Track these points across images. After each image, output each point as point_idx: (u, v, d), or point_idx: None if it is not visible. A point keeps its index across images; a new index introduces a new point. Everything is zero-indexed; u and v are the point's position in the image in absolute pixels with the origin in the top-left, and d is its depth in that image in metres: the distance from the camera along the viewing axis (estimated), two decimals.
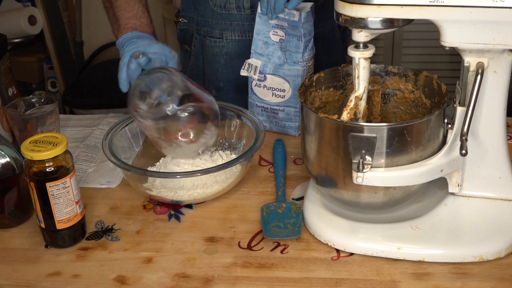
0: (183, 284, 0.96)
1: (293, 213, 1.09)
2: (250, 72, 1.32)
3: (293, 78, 1.29)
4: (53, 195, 1.00)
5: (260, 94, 1.33)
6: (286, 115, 1.34)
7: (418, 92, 1.09)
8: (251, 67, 1.32)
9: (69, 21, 3.02)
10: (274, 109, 1.34)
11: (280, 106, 1.33)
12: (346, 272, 0.97)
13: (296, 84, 1.29)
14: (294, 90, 1.30)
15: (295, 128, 1.35)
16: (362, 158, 0.93)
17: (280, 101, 1.32)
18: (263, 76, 1.31)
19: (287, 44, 1.28)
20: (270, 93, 1.32)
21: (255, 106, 1.36)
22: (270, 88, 1.32)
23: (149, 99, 1.12)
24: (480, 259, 0.97)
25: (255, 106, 1.36)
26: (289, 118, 1.34)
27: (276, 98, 1.32)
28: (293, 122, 1.34)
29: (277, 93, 1.32)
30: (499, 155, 1.00)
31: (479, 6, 0.86)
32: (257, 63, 1.31)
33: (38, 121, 1.27)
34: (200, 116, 1.14)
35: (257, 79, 1.32)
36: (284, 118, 1.34)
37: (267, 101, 1.34)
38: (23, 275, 1.00)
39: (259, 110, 1.36)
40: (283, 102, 1.32)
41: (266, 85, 1.31)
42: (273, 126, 1.37)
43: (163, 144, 1.16)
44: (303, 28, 1.25)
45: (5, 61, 1.39)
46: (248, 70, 1.32)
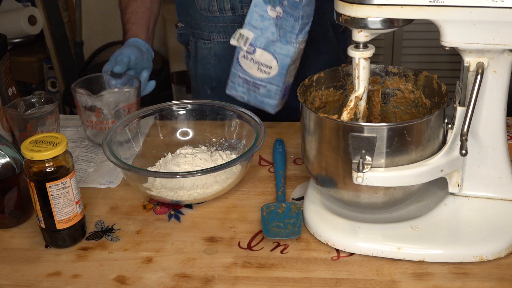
0: (183, 284, 0.96)
1: (293, 213, 1.09)
2: (240, 43, 1.29)
3: (283, 57, 1.27)
4: (53, 195, 1.00)
5: (246, 66, 1.30)
6: (267, 92, 1.31)
7: (418, 92, 1.09)
8: (242, 38, 1.28)
9: (69, 21, 3.02)
10: (256, 84, 1.31)
11: (263, 82, 1.30)
12: (346, 272, 0.97)
13: (284, 63, 1.27)
14: (280, 69, 1.27)
15: (273, 106, 1.32)
16: (362, 158, 0.93)
17: (264, 77, 1.29)
18: (253, 49, 1.28)
19: (283, 22, 1.26)
20: (256, 67, 1.29)
21: (238, 76, 1.32)
22: (257, 63, 1.29)
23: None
24: (480, 259, 0.97)
25: (238, 76, 1.32)
26: (269, 95, 1.31)
27: (261, 73, 1.29)
28: (272, 100, 1.31)
29: (263, 69, 1.29)
30: (499, 155, 1.00)
31: (479, 6, 0.86)
32: (249, 35, 1.28)
33: (38, 121, 1.27)
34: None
35: (246, 51, 1.29)
36: (265, 94, 1.31)
37: (251, 74, 1.30)
38: (23, 275, 1.00)
39: (240, 81, 1.32)
40: (267, 79, 1.29)
41: (254, 59, 1.28)
42: (251, 100, 1.34)
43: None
44: (302, 10, 1.24)
45: (5, 61, 1.39)
46: (238, 40, 1.29)
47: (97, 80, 1.34)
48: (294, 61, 1.27)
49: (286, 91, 1.31)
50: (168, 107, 1.30)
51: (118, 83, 1.33)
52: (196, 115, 1.30)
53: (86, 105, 1.26)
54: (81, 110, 1.29)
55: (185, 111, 1.30)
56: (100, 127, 1.29)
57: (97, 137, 1.31)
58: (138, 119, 1.26)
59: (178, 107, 1.30)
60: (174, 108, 1.30)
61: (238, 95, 1.33)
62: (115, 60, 1.33)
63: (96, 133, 1.31)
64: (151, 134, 1.31)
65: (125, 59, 1.32)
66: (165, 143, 1.29)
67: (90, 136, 1.32)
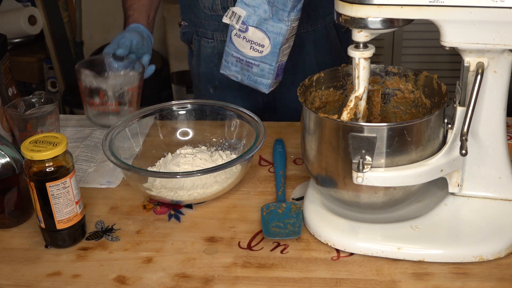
0: (183, 284, 0.96)
1: (293, 213, 1.09)
2: (233, 21, 1.28)
3: (275, 36, 1.26)
4: (53, 195, 1.00)
5: (238, 45, 1.30)
6: (260, 71, 1.30)
7: (418, 92, 1.09)
8: (234, 16, 1.28)
9: (69, 21, 3.02)
10: (249, 62, 1.30)
11: (256, 60, 1.29)
12: (346, 272, 0.97)
13: (277, 42, 1.26)
14: (273, 48, 1.27)
15: (266, 85, 1.32)
16: (362, 158, 0.93)
17: (257, 55, 1.28)
18: (245, 27, 1.27)
19: (275, 0, 1.25)
20: (248, 45, 1.29)
21: (231, 55, 1.32)
22: (250, 41, 1.28)
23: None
24: (480, 259, 0.97)
25: (231, 55, 1.32)
26: (263, 74, 1.31)
27: (254, 52, 1.29)
28: (266, 79, 1.31)
29: (256, 47, 1.28)
30: (499, 155, 1.00)
31: (479, 6, 0.86)
32: (241, 13, 1.27)
33: (38, 121, 1.27)
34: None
35: (238, 29, 1.28)
36: (258, 73, 1.31)
37: (244, 53, 1.30)
38: (23, 275, 1.00)
39: (233, 60, 1.32)
40: (260, 58, 1.29)
41: (246, 37, 1.28)
42: (245, 79, 1.34)
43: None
44: None
45: (5, 61, 1.39)
46: (230, 18, 1.28)
47: (99, 62, 1.36)
48: (287, 40, 1.27)
49: (279, 70, 1.31)
50: (168, 107, 1.30)
51: (120, 66, 1.35)
52: (196, 115, 1.30)
53: (91, 86, 1.27)
54: (84, 90, 1.29)
55: (185, 111, 1.30)
56: (103, 108, 1.29)
57: (97, 118, 1.32)
58: (138, 119, 1.26)
59: (178, 107, 1.30)
60: (174, 108, 1.30)
61: (232, 74, 1.33)
62: (117, 43, 1.35)
63: (97, 114, 1.32)
64: (151, 134, 1.31)
65: (127, 43, 1.34)
66: (165, 143, 1.29)
67: (90, 116, 1.32)
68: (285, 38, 1.25)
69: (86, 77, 1.28)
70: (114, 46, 1.34)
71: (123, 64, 1.34)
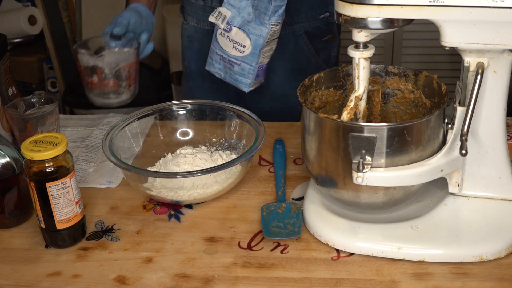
0: (183, 284, 0.96)
1: (293, 213, 1.09)
2: (218, 20, 1.34)
3: (256, 37, 1.32)
4: (53, 195, 1.00)
5: (222, 43, 1.36)
6: (241, 70, 1.36)
7: (418, 92, 1.09)
8: (220, 16, 1.34)
9: (69, 21, 3.02)
10: (232, 61, 1.37)
11: (238, 60, 1.35)
12: (346, 272, 0.97)
13: (257, 44, 1.32)
14: (253, 49, 1.33)
15: (247, 84, 1.38)
16: (362, 158, 0.93)
17: (238, 55, 1.35)
18: (229, 27, 1.33)
19: (259, 3, 1.30)
20: (231, 45, 1.35)
21: (215, 53, 1.39)
22: (233, 41, 1.34)
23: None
24: (480, 259, 0.97)
25: (215, 53, 1.39)
26: (243, 73, 1.37)
27: (236, 52, 1.35)
28: (246, 79, 1.37)
29: (238, 47, 1.34)
30: (499, 155, 1.00)
31: (479, 6, 0.86)
32: (227, 13, 1.33)
33: (38, 121, 1.27)
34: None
35: (223, 29, 1.34)
36: (239, 72, 1.37)
37: (227, 52, 1.36)
38: (23, 275, 1.00)
39: (217, 58, 1.39)
40: (241, 57, 1.35)
41: (230, 37, 1.34)
42: (227, 77, 1.40)
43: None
44: None
45: (5, 61, 1.39)
46: (216, 17, 1.35)
47: (98, 42, 1.37)
48: (267, 43, 1.32)
49: (260, 71, 1.37)
50: (168, 107, 1.30)
51: (118, 44, 1.37)
52: (196, 115, 1.31)
53: (88, 65, 1.29)
54: (83, 71, 1.31)
55: (185, 111, 1.30)
56: (102, 86, 1.30)
57: (99, 97, 1.33)
58: (138, 119, 1.26)
59: (178, 107, 1.30)
60: (174, 108, 1.30)
61: (216, 71, 1.41)
62: (115, 22, 1.38)
63: (99, 93, 1.33)
64: (151, 134, 1.31)
65: (124, 22, 1.37)
66: (165, 143, 1.29)
67: (92, 97, 1.34)
68: (266, 40, 1.31)
69: (83, 56, 1.29)
70: (112, 26, 1.38)
71: (120, 42, 1.37)
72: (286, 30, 1.49)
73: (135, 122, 1.25)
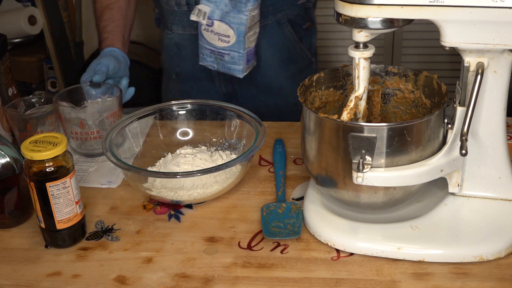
0: (183, 284, 0.96)
1: (293, 213, 1.09)
2: (199, 17, 1.39)
3: (237, 26, 1.37)
4: (53, 195, 1.00)
5: (208, 38, 1.41)
6: (231, 59, 1.41)
7: (418, 92, 1.09)
8: (201, 13, 1.39)
9: (69, 21, 3.02)
10: (221, 52, 1.42)
11: (226, 50, 1.40)
12: (346, 272, 0.97)
13: (240, 31, 1.37)
14: (238, 37, 1.38)
15: (240, 71, 1.43)
16: (362, 158, 0.93)
17: (225, 45, 1.40)
18: (211, 21, 1.39)
19: None
20: (216, 37, 1.40)
21: (204, 48, 1.44)
22: (217, 33, 1.39)
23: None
24: (480, 259, 0.97)
25: (204, 48, 1.44)
26: (234, 61, 1.42)
27: (222, 43, 1.40)
28: (237, 65, 1.42)
29: (223, 38, 1.39)
30: (499, 155, 1.00)
31: (479, 6, 0.86)
32: (206, 9, 1.39)
33: (38, 121, 1.27)
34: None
35: (206, 24, 1.39)
36: (230, 61, 1.42)
37: (214, 45, 1.41)
38: (23, 275, 1.00)
39: (207, 52, 1.44)
40: (228, 47, 1.40)
41: (214, 30, 1.39)
42: (220, 67, 1.45)
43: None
44: None
45: (5, 61, 1.39)
46: (197, 15, 1.39)
47: (77, 91, 1.35)
48: (249, 28, 1.37)
49: (249, 55, 1.42)
50: (168, 107, 1.30)
51: (98, 92, 1.35)
52: (196, 115, 1.31)
53: (70, 117, 1.26)
54: (64, 122, 1.28)
55: (185, 111, 1.30)
56: (86, 137, 1.29)
57: (81, 147, 1.31)
58: (138, 119, 1.26)
59: (178, 107, 1.30)
60: (174, 108, 1.30)
61: (209, 64, 1.46)
62: (94, 70, 1.35)
63: (81, 144, 1.31)
64: (151, 134, 1.31)
65: (103, 69, 1.35)
66: (165, 143, 1.29)
67: (75, 148, 1.31)
68: (247, 26, 1.36)
69: (64, 109, 1.26)
70: (90, 74, 1.35)
71: (100, 90, 1.35)
72: (271, 19, 1.52)
73: (135, 122, 1.25)
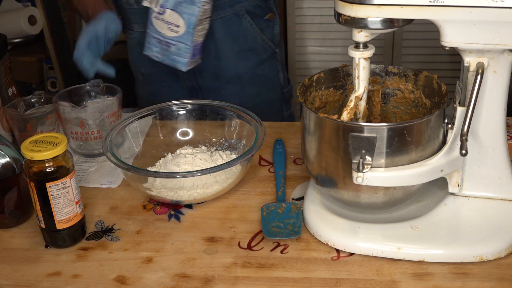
0: (183, 284, 0.96)
1: (293, 213, 1.09)
2: (152, 4, 1.39)
3: (189, 17, 1.37)
4: (53, 195, 1.00)
5: (158, 26, 1.41)
6: (177, 50, 1.41)
7: (418, 92, 1.09)
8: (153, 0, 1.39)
9: (69, 21, 3.02)
10: (168, 43, 1.41)
11: (174, 40, 1.40)
12: (346, 272, 0.97)
13: (191, 22, 1.37)
14: (187, 28, 1.37)
15: (184, 64, 1.43)
16: (362, 158, 0.93)
17: (174, 35, 1.39)
18: (163, 9, 1.39)
19: None
20: (166, 26, 1.40)
21: (152, 37, 1.44)
22: (167, 22, 1.39)
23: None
24: (480, 259, 0.97)
25: (152, 37, 1.44)
26: (180, 53, 1.41)
27: (171, 32, 1.40)
28: (182, 58, 1.42)
29: (172, 28, 1.39)
30: (499, 155, 1.00)
31: (479, 6, 0.86)
32: None
33: (38, 121, 1.27)
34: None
35: (157, 12, 1.39)
36: (175, 52, 1.41)
37: (163, 34, 1.41)
38: (23, 275, 1.00)
39: (154, 42, 1.43)
40: (176, 37, 1.39)
41: (164, 19, 1.39)
42: (165, 59, 1.45)
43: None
44: None
45: (5, 61, 1.39)
46: (150, 1, 1.40)
47: (76, 92, 1.35)
48: (200, 21, 1.37)
49: (195, 50, 1.42)
50: (168, 107, 1.30)
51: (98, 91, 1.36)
52: (196, 115, 1.31)
53: (70, 117, 1.26)
54: (64, 122, 1.28)
55: (185, 111, 1.30)
56: (86, 137, 1.29)
57: (81, 147, 1.31)
58: (138, 119, 1.26)
59: (178, 107, 1.30)
60: (174, 108, 1.30)
61: (154, 54, 1.46)
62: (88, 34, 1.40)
63: (81, 144, 1.31)
64: (151, 134, 1.31)
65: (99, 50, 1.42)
66: (165, 143, 1.29)
67: (75, 148, 1.31)
68: (198, 19, 1.36)
69: (65, 109, 1.26)
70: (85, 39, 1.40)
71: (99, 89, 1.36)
72: (229, 11, 1.53)
73: (135, 122, 1.25)
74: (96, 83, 1.34)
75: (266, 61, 1.63)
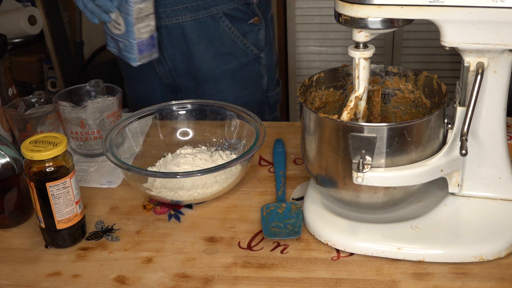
0: (183, 284, 0.96)
1: (293, 213, 1.09)
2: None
3: (126, 16, 1.39)
4: (53, 195, 1.00)
5: (108, 24, 1.45)
6: (125, 46, 1.45)
7: (418, 92, 1.09)
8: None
9: (69, 21, 3.02)
10: (117, 40, 1.45)
11: (120, 38, 1.44)
12: (346, 272, 0.97)
13: (128, 21, 1.39)
14: (127, 26, 1.40)
15: (133, 59, 1.45)
16: (362, 158, 0.93)
17: (119, 33, 1.43)
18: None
19: None
20: (112, 25, 1.44)
21: (107, 34, 1.48)
22: (113, 20, 1.42)
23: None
24: (480, 259, 0.97)
25: (107, 34, 1.48)
26: (127, 49, 1.45)
27: (116, 30, 1.44)
28: (130, 54, 1.45)
29: (117, 26, 1.43)
30: (499, 155, 1.00)
31: (479, 6, 0.86)
32: None
33: (38, 121, 1.27)
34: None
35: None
36: (124, 49, 1.45)
37: (112, 31, 1.45)
38: (23, 275, 1.00)
39: (109, 38, 1.48)
40: (121, 35, 1.43)
41: (111, 17, 1.42)
42: (120, 54, 1.48)
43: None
44: None
45: (5, 61, 1.39)
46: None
47: (76, 92, 1.35)
48: (139, 19, 1.40)
49: (141, 46, 1.45)
50: (168, 107, 1.30)
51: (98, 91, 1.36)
52: (196, 115, 1.31)
53: (70, 117, 1.26)
54: (64, 122, 1.28)
55: (185, 111, 1.30)
56: (86, 137, 1.29)
57: (81, 147, 1.31)
58: (138, 119, 1.26)
59: (178, 107, 1.30)
60: (174, 108, 1.30)
61: (112, 50, 1.51)
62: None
63: (81, 144, 1.31)
64: (151, 134, 1.31)
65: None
66: (165, 143, 1.29)
67: (75, 148, 1.31)
68: (135, 18, 1.39)
69: (65, 109, 1.27)
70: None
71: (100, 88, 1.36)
72: (203, 14, 1.51)
73: (135, 122, 1.25)
74: (96, 83, 1.34)
75: (248, 65, 1.60)
